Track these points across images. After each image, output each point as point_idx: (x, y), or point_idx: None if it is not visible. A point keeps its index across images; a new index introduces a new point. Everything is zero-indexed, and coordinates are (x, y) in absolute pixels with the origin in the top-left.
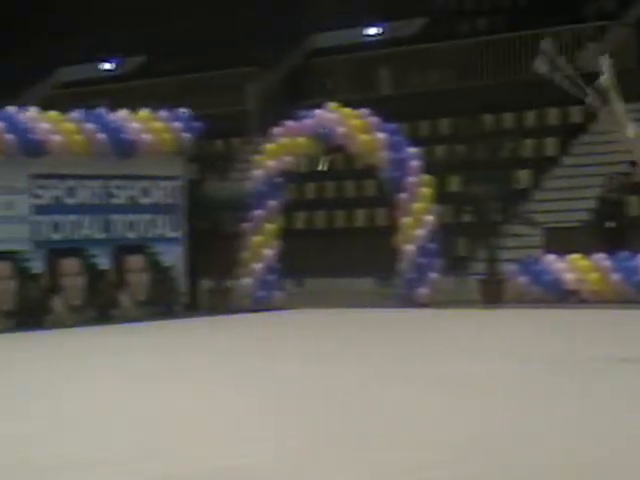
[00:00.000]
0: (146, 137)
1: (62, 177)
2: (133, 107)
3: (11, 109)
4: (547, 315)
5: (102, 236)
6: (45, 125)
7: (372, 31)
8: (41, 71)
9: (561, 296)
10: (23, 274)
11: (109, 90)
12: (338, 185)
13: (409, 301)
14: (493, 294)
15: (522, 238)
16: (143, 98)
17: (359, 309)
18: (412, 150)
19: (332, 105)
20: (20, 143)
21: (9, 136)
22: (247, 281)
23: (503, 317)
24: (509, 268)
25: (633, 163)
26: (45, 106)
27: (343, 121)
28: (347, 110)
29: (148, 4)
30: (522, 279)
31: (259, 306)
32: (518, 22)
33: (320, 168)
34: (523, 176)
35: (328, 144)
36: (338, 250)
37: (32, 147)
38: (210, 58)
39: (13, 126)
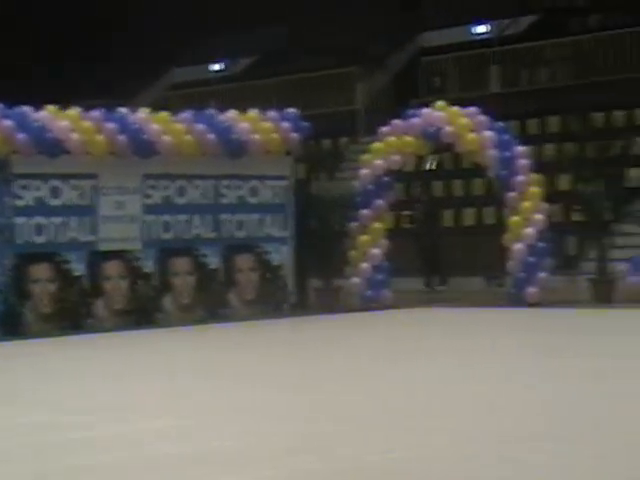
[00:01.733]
0: (255, 137)
1: (172, 177)
2: (242, 108)
3: (123, 111)
4: None
5: (212, 235)
6: (155, 126)
7: (480, 29)
8: (153, 73)
9: None
10: (135, 273)
11: (219, 91)
12: (446, 184)
13: (518, 300)
14: (604, 294)
15: (633, 237)
16: (252, 99)
17: (469, 308)
18: (521, 149)
19: (440, 104)
20: (132, 144)
21: (121, 137)
22: (355, 280)
23: (612, 317)
24: (620, 267)
25: None
26: (157, 107)
27: (451, 120)
28: (455, 109)
29: (258, 6)
30: (633, 278)
31: (367, 305)
32: (631, 19)
33: (428, 167)
34: (634, 174)
35: (436, 143)
36: (446, 249)
37: (143, 148)
38: (319, 58)
39: (125, 127)
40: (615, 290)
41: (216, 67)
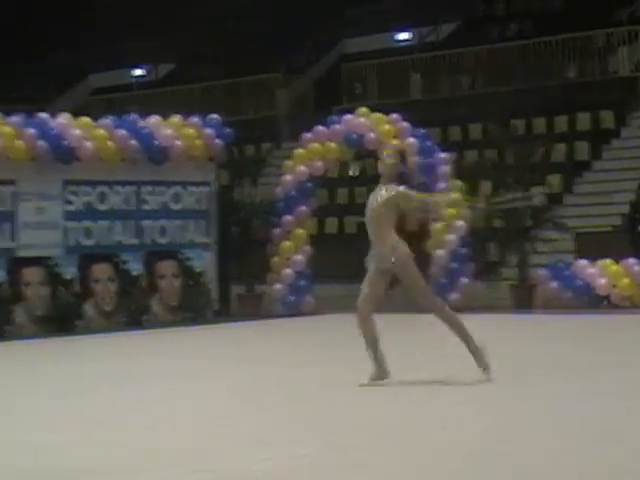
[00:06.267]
0: (177, 143)
1: (93, 183)
2: (165, 113)
3: (43, 116)
4: (578, 321)
5: (134, 242)
6: (77, 132)
7: (402, 36)
8: (74, 78)
9: (592, 302)
10: (55, 280)
11: (141, 96)
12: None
13: None
14: (524, 299)
15: (553, 243)
16: (175, 104)
17: (388, 314)
18: (443, 155)
19: (363, 110)
20: (52, 150)
21: (41, 143)
22: (277, 287)
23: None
24: (540, 273)
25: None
26: (78, 113)
27: (373, 126)
28: (377, 115)
29: (180, 10)
30: (553, 284)
31: (289, 311)
32: (549, 26)
33: (351, 174)
34: (554, 181)
35: (359, 149)
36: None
37: (64, 154)
38: (241, 64)
39: (45, 133)
40: (534, 296)
41: (137, 72)
